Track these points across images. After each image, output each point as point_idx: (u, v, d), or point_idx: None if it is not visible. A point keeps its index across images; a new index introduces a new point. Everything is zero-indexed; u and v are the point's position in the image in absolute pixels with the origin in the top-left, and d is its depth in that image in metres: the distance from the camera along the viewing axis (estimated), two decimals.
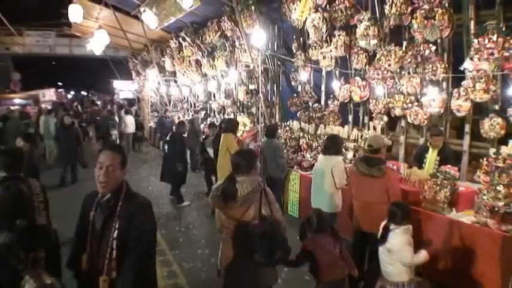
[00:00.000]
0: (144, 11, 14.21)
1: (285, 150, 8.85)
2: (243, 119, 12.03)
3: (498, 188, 5.39)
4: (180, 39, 15.29)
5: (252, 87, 12.14)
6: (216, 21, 12.97)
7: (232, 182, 3.68)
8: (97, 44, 17.43)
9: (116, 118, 16.79)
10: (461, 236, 5.22)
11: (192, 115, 15.04)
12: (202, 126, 13.92)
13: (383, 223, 4.49)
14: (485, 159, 5.97)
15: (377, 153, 5.39)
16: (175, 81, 18.26)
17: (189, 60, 15.43)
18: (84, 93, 46.66)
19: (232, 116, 12.75)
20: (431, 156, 6.89)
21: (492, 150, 6.16)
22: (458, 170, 6.40)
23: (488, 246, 4.97)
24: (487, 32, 6.41)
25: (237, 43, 12.47)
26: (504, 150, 6.01)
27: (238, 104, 13.10)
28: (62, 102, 25.16)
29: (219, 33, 13.06)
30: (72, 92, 44.94)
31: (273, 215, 3.72)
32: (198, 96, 16.76)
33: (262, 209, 3.67)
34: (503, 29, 6.37)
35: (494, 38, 6.27)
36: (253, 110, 12.56)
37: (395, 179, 5.59)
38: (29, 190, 3.96)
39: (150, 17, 14.13)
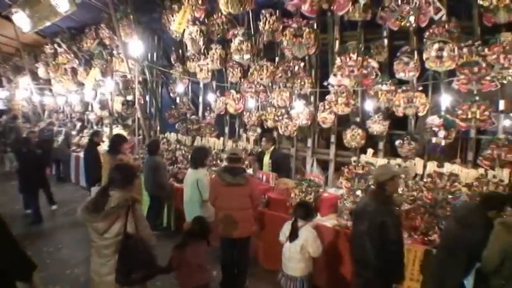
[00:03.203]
0: (16, 12, 12.85)
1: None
2: (119, 131, 11.35)
3: (357, 192, 5.68)
4: (56, 45, 14.15)
5: (129, 98, 11.55)
6: (94, 28, 12.13)
7: (103, 194, 3.58)
8: None
9: None
10: (325, 239, 5.29)
11: (61, 127, 13.79)
12: (77, 138, 12.97)
13: (289, 222, 4.79)
14: (346, 166, 6.23)
15: (239, 162, 5.46)
16: (51, 90, 16.82)
17: (65, 68, 14.31)
18: None
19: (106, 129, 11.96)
20: (266, 159, 7.29)
21: (353, 159, 6.45)
22: (322, 177, 6.87)
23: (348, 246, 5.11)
24: (349, 51, 6.78)
25: (115, 52, 11.81)
26: (363, 158, 6.34)
27: (115, 116, 12.36)
28: None
29: (97, 40, 12.26)
30: None
31: (138, 233, 3.58)
32: (74, 107, 15.57)
33: (128, 226, 3.52)
34: (362, 49, 6.77)
35: (355, 56, 6.63)
36: (130, 121, 11.94)
37: (257, 185, 5.84)
38: None
39: (22, 19, 12.79)
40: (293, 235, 4.64)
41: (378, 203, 4.01)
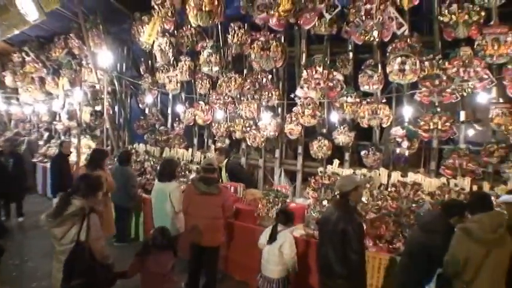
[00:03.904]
0: None
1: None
2: (87, 142, 11.11)
3: (324, 202, 5.71)
4: (24, 54, 13.78)
5: (98, 108, 11.32)
6: (64, 38, 11.87)
7: (65, 201, 3.67)
8: None
9: None
10: None
11: (25, 136, 13.41)
12: (44, 148, 12.62)
13: (269, 227, 4.94)
14: (313, 177, 6.25)
15: (214, 172, 5.47)
16: (17, 99, 16.34)
17: (32, 77, 13.94)
18: None
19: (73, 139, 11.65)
20: (223, 173, 7.25)
21: (320, 169, 6.47)
22: (289, 187, 6.93)
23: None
24: (315, 64, 6.86)
25: (84, 62, 11.57)
26: (330, 168, 6.37)
27: (83, 126, 12.09)
28: None
29: (66, 50, 11.99)
30: None
31: (87, 242, 3.60)
32: (41, 116, 15.16)
33: (81, 234, 3.59)
34: (328, 62, 6.86)
35: (321, 69, 6.70)
36: (98, 132, 11.70)
37: (230, 195, 5.91)
38: None
39: None
40: (272, 238, 4.78)
41: (341, 212, 4.02)
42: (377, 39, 6.32)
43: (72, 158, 9.30)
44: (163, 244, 4.10)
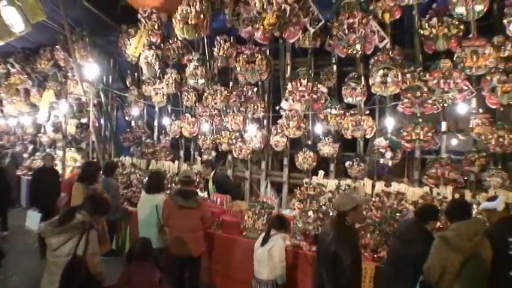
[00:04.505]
0: None
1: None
2: (73, 155, 10.98)
3: (309, 213, 5.70)
4: (9, 65, 13.59)
5: (83, 120, 11.22)
6: (49, 49, 11.74)
7: (70, 213, 3.73)
8: None
9: None
10: None
11: (9, 148, 13.22)
12: (29, 161, 12.43)
13: (265, 231, 5.02)
14: (298, 188, 6.26)
15: (191, 185, 5.52)
16: (2, 111, 16.10)
17: (17, 89, 13.75)
18: None
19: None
20: (210, 185, 7.23)
21: (305, 180, 6.50)
22: (275, 199, 6.98)
23: (302, 266, 5.20)
24: (299, 77, 6.93)
25: (70, 74, 11.46)
26: (315, 179, 6.40)
27: (68, 138, 11.95)
28: None
29: (51, 62, 11.88)
30: None
31: (84, 255, 3.59)
32: (26, 129, 14.95)
33: (79, 248, 3.59)
34: (312, 75, 6.94)
35: (305, 82, 6.77)
36: (84, 145, 11.57)
37: (209, 208, 5.83)
38: None
39: None
40: (264, 240, 4.86)
41: (335, 233, 3.86)
42: (360, 52, 6.43)
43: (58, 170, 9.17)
44: (144, 253, 4.08)
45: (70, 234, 3.58)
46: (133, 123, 10.24)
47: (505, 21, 5.46)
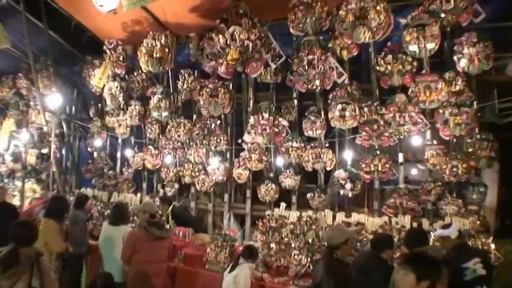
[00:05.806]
0: None
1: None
2: (32, 185, 10.57)
3: (272, 245, 5.66)
4: None
5: (44, 151, 10.85)
6: (12, 77, 11.31)
7: (14, 252, 3.41)
8: None
9: None
10: None
11: None
12: None
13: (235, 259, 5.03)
14: (261, 220, 6.22)
15: (155, 217, 5.52)
16: None
17: None
18: None
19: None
20: (170, 220, 7.05)
21: (267, 212, 6.46)
22: (238, 231, 6.95)
23: None
24: (261, 110, 7.00)
25: (32, 103, 11.13)
26: (277, 211, 6.38)
27: (28, 169, 11.50)
28: None
29: (13, 90, 11.48)
30: None
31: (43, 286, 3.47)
32: None
33: (33, 281, 3.42)
34: (274, 108, 7.03)
35: (267, 116, 6.83)
36: (44, 176, 11.15)
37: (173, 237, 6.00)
38: None
39: None
40: (232, 267, 4.88)
41: (324, 267, 3.89)
42: (319, 88, 6.57)
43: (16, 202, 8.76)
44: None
45: (20, 273, 3.38)
46: (95, 154, 9.97)
47: (455, 57, 5.74)
